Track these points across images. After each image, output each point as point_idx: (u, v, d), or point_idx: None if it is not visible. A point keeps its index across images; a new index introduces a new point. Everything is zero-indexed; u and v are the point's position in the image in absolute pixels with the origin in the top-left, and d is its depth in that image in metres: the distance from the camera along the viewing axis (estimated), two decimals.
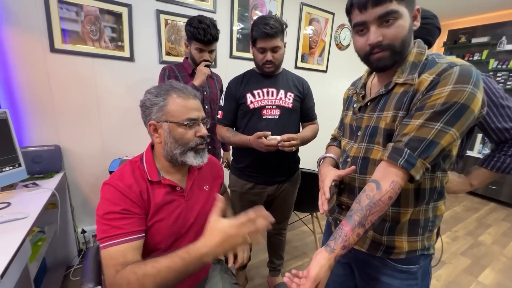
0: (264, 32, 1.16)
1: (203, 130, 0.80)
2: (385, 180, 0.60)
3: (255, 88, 1.29)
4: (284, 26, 1.21)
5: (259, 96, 1.28)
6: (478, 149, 3.62)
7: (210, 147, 1.59)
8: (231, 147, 1.80)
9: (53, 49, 1.53)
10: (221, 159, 1.81)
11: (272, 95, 1.28)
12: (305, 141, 1.32)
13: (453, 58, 0.60)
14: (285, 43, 1.26)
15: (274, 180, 1.37)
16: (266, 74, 1.30)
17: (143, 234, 0.72)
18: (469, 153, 3.63)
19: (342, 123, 0.89)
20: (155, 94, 0.77)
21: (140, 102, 0.80)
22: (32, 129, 1.57)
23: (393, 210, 0.69)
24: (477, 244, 2.35)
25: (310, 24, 2.62)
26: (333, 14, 2.73)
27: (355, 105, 0.78)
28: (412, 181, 0.60)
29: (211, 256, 0.63)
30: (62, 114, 1.63)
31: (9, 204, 1.12)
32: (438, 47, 4.13)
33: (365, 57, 0.66)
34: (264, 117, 1.28)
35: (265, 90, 1.28)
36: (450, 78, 0.56)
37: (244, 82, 1.32)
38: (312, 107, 1.39)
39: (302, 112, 1.36)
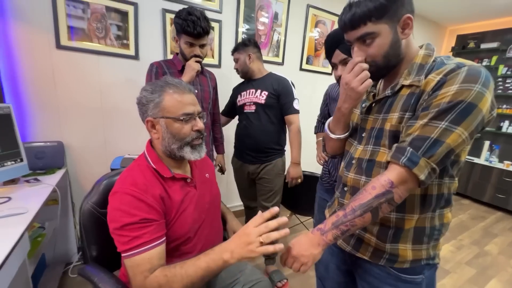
0: None
1: (199, 124, 0.81)
2: (381, 175, 0.61)
3: (242, 90, 1.65)
4: (245, 43, 1.57)
5: (243, 96, 1.64)
6: (485, 156, 3.55)
7: None
8: (224, 149, 1.81)
9: (59, 46, 1.54)
10: (214, 162, 1.75)
11: (251, 94, 1.60)
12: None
13: (462, 59, 0.59)
14: (249, 54, 1.56)
15: (251, 159, 1.64)
16: (251, 80, 1.64)
17: (164, 238, 0.73)
18: (475, 160, 3.57)
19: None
20: (150, 91, 0.78)
21: (136, 100, 0.80)
22: (36, 124, 1.57)
23: (397, 216, 0.66)
24: (483, 253, 2.30)
25: (316, 26, 2.60)
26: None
27: (363, 104, 0.77)
28: (419, 184, 0.58)
29: (228, 253, 0.64)
30: (65, 110, 1.63)
31: (9, 198, 1.12)
32: (446, 52, 4.07)
33: None
34: (245, 111, 1.62)
35: (248, 91, 1.61)
36: (457, 78, 0.54)
37: (239, 86, 1.73)
38: (287, 104, 1.56)
39: (280, 106, 1.57)
